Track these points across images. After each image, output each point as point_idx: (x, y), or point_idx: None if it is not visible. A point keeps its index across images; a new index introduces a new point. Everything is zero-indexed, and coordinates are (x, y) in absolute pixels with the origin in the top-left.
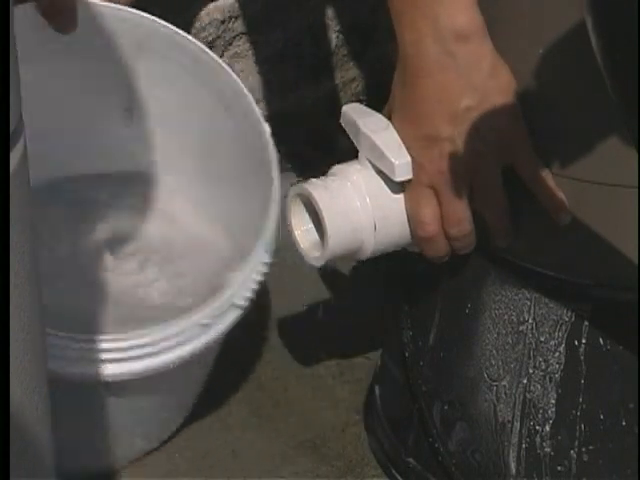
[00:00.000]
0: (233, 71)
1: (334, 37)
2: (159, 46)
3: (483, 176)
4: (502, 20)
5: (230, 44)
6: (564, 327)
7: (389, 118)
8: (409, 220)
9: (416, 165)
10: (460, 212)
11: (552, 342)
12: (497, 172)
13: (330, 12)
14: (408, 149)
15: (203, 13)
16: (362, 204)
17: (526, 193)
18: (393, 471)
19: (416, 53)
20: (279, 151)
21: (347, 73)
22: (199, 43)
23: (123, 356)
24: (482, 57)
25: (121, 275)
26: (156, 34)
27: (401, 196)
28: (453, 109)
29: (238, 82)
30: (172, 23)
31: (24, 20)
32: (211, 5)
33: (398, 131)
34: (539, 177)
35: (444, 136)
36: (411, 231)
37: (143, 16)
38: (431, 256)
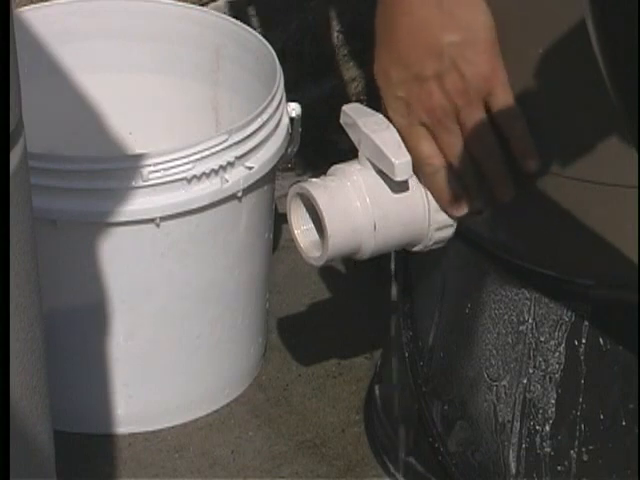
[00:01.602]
0: None
1: (334, 37)
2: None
3: (468, 112)
4: (502, 20)
5: None
6: (564, 327)
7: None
8: (413, 163)
9: (405, 105)
10: (457, 144)
11: (552, 342)
12: (480, 109)
13: (330, 12)
14: (397, 89)
15: None
16: (362, 204)
17: (526, 193)
18: (393, 471)
19: None
20: None
21: (347, 73)
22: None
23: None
24: None
25: None
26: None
27: (401, 195)
28: (437, 44)
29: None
30: None
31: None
32: (211, 5)
33: (385, 73)
34: (512, 118)
35: (430, 73)
36: (417, 172)
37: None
38: (443, 196)
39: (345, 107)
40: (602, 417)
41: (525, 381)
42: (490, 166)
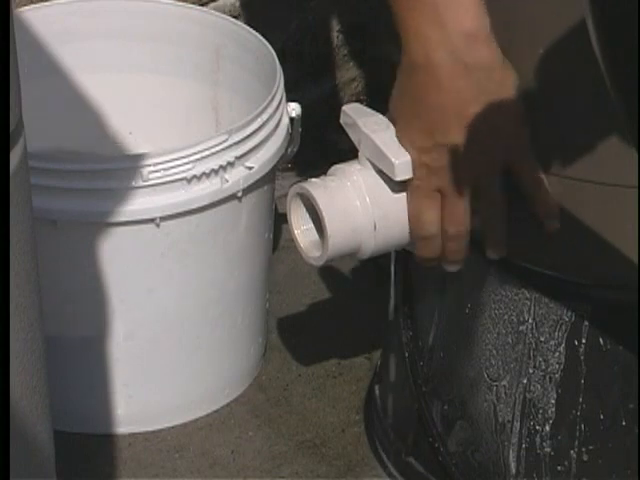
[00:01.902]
0: None
1: (334, 37)
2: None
3: (486, 179)
4: (502, 20)
5: None
6: (564, 327)
7: (393, 122)
8: (410, 219)
9: (428, 170)
10: (461, 213)
11: (552, 342)
12: (497, 176)
13: (330, 12)
14: (422, 156)
15: None
16: (362, 204)
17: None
18: (393, 471)
19: (425, 63)
20: None
21: (347, 73)
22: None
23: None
24: (491, 62)
25: None
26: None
27: (401, 195)
28: (465, 117)
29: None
30: None
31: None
32: (211, 5)
33: (410, 140)
34: (535, 181)
35: (455, 142)
36: (410, 229)
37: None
38: (424, 256)
39: (345, 107)
40: (602, 417)
41: (525, 381)
42: (496, 228)
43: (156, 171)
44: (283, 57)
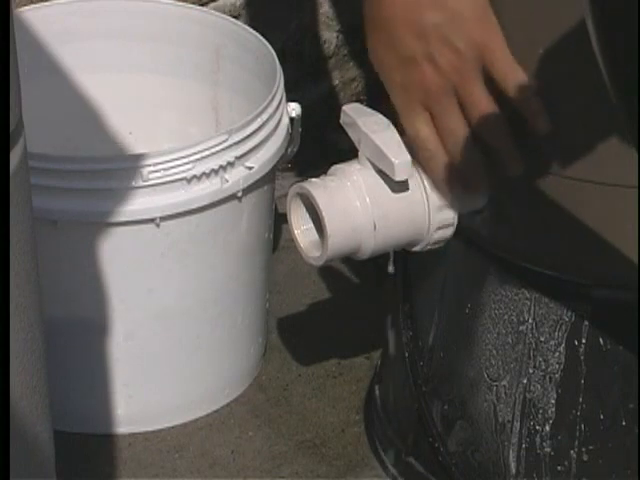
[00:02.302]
0: None
1: (334, 37)
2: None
3: (466, 88)
4: (502, 20)
5: None
6: (564, 327)
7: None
8: (411, 146)
9: (403, 89)
10: (453, 123)
11: (552, 342)
12: (479, 83)
13: (330, 12)
14: (393, 74)
15: None
16: (362, 204)
17: (526, 193)
18: (393, 471)
19: None
20: None
21: (347, 73)
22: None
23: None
24: None
25: None
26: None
27: (401, 195)
28: (421, 25)
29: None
30: None
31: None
32: (211, 5)
33: (379, 60)
34: (515, 78)
35: (420, 55)
36: (413, 156)
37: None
38: (436, 176)
39: (345, 107)
40: (602, 417)
41: (525, 381)
42: (498, 138)
43: (156, 171)
44: (283, 57)
